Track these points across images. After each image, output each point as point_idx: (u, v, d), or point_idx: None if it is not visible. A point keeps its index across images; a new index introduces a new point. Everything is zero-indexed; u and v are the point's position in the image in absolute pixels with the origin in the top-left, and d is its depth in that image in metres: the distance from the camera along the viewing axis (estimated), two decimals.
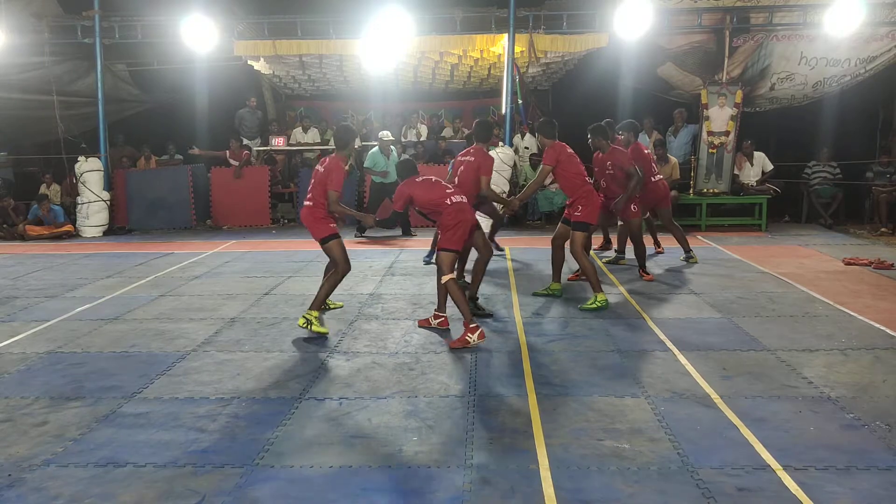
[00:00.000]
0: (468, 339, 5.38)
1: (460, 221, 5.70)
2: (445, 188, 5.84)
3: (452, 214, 5.67)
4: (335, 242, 5.87)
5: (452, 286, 5.55)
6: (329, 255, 5.94)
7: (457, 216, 5.68)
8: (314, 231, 5.89)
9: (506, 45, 11.77)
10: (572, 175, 6.64)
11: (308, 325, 5.73)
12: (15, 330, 6.14)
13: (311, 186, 5.92)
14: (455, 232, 5.67)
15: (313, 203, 5.86)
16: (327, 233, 5.86)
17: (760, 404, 4.26)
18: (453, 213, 5.67)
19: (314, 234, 5.90)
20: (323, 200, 5.81)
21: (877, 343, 5.41)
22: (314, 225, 5.89)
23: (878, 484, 3.31)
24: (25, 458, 3.68)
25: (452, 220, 5.66)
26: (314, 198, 5.86)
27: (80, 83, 13.07)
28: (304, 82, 14.88)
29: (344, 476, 3.46)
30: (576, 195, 6.66)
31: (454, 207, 5.69)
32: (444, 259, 5.66)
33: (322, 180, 5.81)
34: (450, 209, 5.67)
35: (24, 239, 11.69)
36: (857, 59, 11.59)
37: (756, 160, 11.90)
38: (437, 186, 5.85)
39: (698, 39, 11.95)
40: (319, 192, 5.83)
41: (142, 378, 4.85)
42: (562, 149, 6.69)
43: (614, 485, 3.32)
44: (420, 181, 5.90)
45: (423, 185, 5.88)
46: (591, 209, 6.66)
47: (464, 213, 5.74)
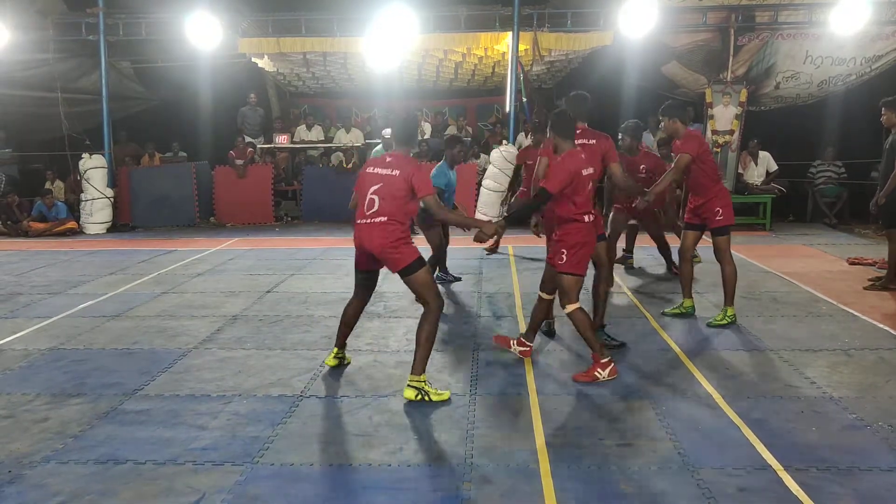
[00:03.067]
0: (597, 374, 4.61)
1: (589, 242, 4.78)
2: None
3: (586, 231, 4.71)
4: (425, 270, 4.40)
5: (581, 316, 4.67)
6: (417, 288, 4.41)
7: (589, 234, 4.75)
8: (397, 258, 4.34)
9: (510, 43, 11.75)
10: (709, 171, 5.89)
11: (423, 396, 4.29)
12: (18, 326, 6.15)
13: (375, 199, 4.34)
14: (585, 251, 4.73)
15: (389, 218, 4.32)
16: (414, 256, 4.36)
17: (762, 404, 4.24)
18: (588, 229, 4.72)
19: (396, 263, 4.36)
20: (404, 216, 4.40)
21: (880, 343, 5.39)
22: (397, 250, 4.34)
23: (881, 485, 3.30)
24: (26, 454, 3.69)
25: (583, 238, 4.70)
26: (391, 212, 4.32)
27: (84, 80, 13.09)
28: (308, 80, 14.87)
29: (344, 474, 3.46)
30: (708, 195, 5.89)
31: (591, 224, 4.75)
32: (572, 285, 4.68)
33: (402, 186, 4.30)
34: (587, 224, 4.71)
35: (27, 235, 11.72)
36: (863, 58, 11.54)
37: (761, 160, 11.85)
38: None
39: (703, 38, 11.92)
40: (399, 205, 4.33)
41: (143, 375, 4.86)
42: (702, 139, 5.98)
43: (615, 485, 3.31)
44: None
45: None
46: (730, 209, 5.93)
47: (594, 232, 4.85)
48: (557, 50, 12.08)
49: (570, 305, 4.67)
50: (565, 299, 4.69)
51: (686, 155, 5.70)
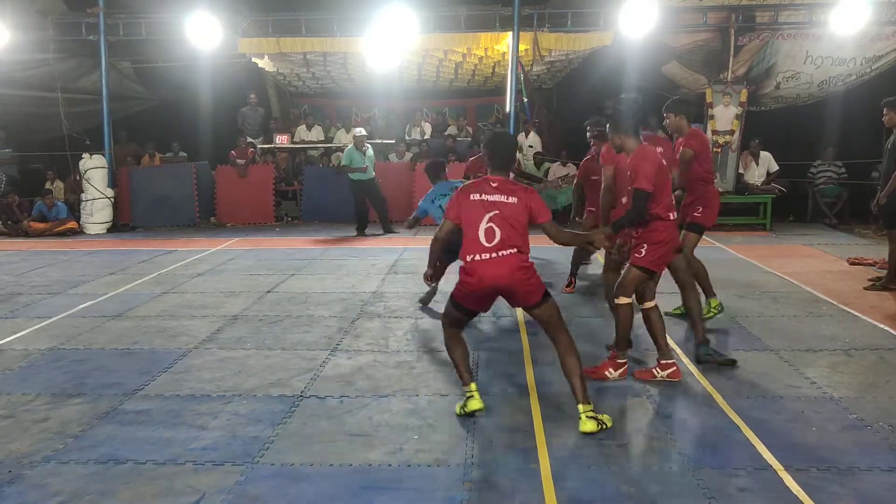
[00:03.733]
0: (608, 373, 4.62)
1: (673, 240, 4.62)
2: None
3: (671, 229, 4.57)
4: (553, 299, 4.02)
5: (627, 313, 4.54)
6: (553, 319, 3.98)
7: (673, 232, 4.61)
8: (533, 291, 3.91)
9: (510, 43, 11.74)
10: (704, 171, 5.77)
11: (602, 426, 3.86)
12: (18, 326, 6.15)
13: (499, 230, 3.83)
14: (666, 250, 4.55)
15: (520, 250, 3.89)
16: (543, 287, 3.99)
17: (762, 404, 4.24)
18: (672, 228, 4.58)
19: (532, 296, 3.92)
20: (527, 244, 3.94)
21: (881, 343, 5.39)
22: (531, 280, 3.91)
23: (881, 485, 3.29)
24: (26, 454, 3.68)
25: (667, 236, 4.53)
26: (520, 243, 3.89)
27: (84, 80, 13.09)
28: (309, 80, 14.87)
29: (344, 474, 3.45)
30: (696, 195, 5.74)
31: (674, 222, 4.62)
32: (636, 279, 4.50)
33: (522, 212, 3.88)
34: (671, 223, 4.56)
35: (28, 235, 11.72)
36: (863, 58, 11.55)
37: (762, 160, 11.85)
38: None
39: (703, 38, 11.92)
40: (522, 234, 3.90)
41: (143, 375, 4.86)
42: (705, 138, 5.81)
43: (615, 484, 3.31)
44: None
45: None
46: (710, 211, 5.77)
47: (677, 231, 4.71)
48: (557, 50, 12.09)
49: (623, 299, 4.50)
50: (621, 290, 4.50)
51: (689, 150, 5.60)
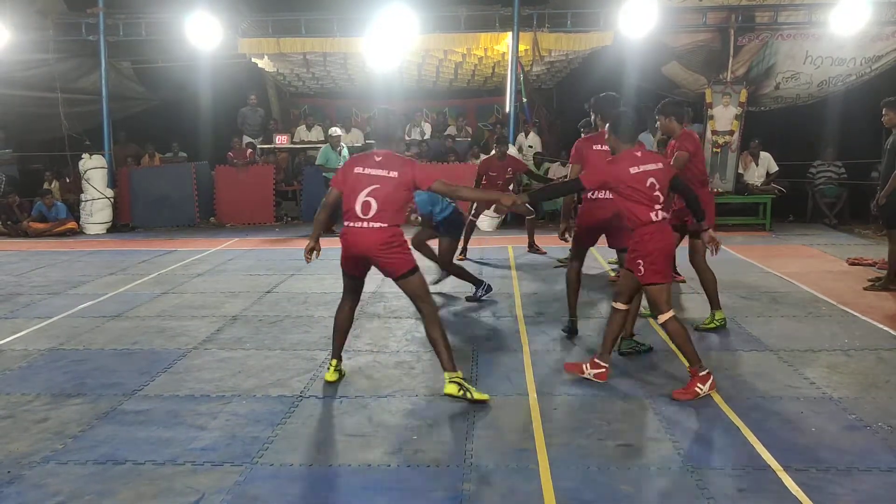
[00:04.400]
0: (698, 389, 4.31)
1: (665, 244, 4.43)
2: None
3: (657, 235, 4.38)
4: (420, 274, 4.45)
5: (675, 326, 4.40)
6: (418, 292, 4.42)
7: (659, 236, 4.39)
8: (398, 265, 4.34)
9: (510, 44, 11.76)
10: (697, 173, 5.72)
11: (465, 392, 4.23)
12: (17, 326, 6.15)
13: (372, 202, 4.26)
14: (662, 255, 4.40)
15: (390, 224, 4.30)
16: (413, 262, 4.42)
17: (762, 405, 4.24)
18: (656, 231, 4.38)
19: (397, 270, 4.34)
20: (400, 219, 4.39)
21: (880, 344, 5.39)
22: (396, 254, 4.34)
23: (880, 485, 3.30)
24: (25, 454, 3.69)
25: (654, 245, 4.35)
26: (390, 218, 4.30)
27: (84, 80, 13.09)
28: (308, 80, 14.88)
29: (344, 475, 3.45)
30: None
31: (658, 226, 4.41)
32: (658, 294, 4.39)
33: (402, 186, 4.32)
34: (655, 227, 4.39)
35: (27, 235, 11.72)
36: (863, 58, 11.55)
37: (762, 161, 11.84)
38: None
39: (703, 38, 11.92)
40: (397, 209, 4.36)
41: (143, 375, 4.86)
42: (698, 139, 5.82)
43: (614, 485, 3.31)
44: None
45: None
46: (709, 214, 5.47)
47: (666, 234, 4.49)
48: (557, 50, 12.10)
49: (662, 317, 4.40)
50: (655, 311, 4.45)
51: (684, 153, 5.60)
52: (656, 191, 4.35)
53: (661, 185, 4.38)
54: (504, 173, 8.71)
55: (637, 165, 4.35)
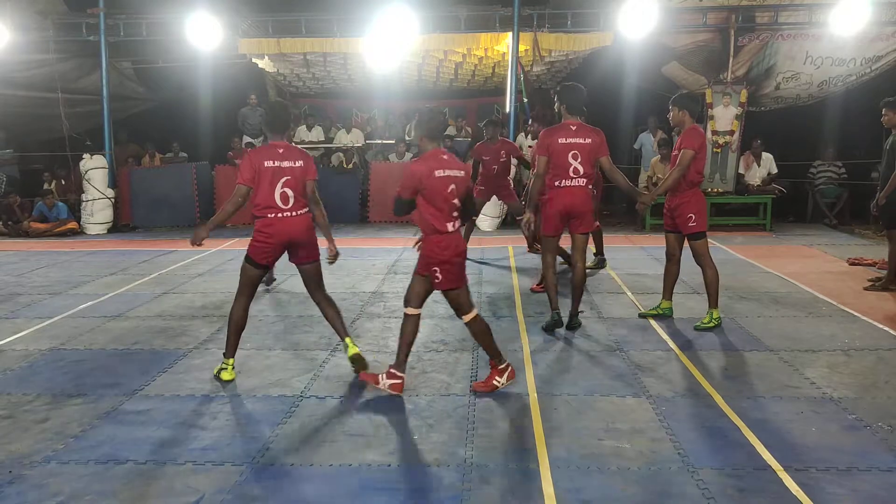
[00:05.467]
0: (496, 382, 4.47)
1: (446, 252, 4.38)
2: None
3: (445, 241, 4.41)
4: None
5: (481, 324, 4.49)
6: (316, 278, 4.99)
7: (438, 247, 4.37)
8: (314, 248, 4.90)
9: (510, 44, 11.75)
10: (694, 172, 5.74)
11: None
12: (18, 326, 6.15)
13: (289, 192, 4.71)
14: (459, 266, 4.45)
15: (309, 209, 4.90)
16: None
17: (762, 405, 4.24)
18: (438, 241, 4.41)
19: (311, 253, 4.88)
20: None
21: (880, 344, 5.39)
22: (313, 239, 4.92)
23: (880, 485, 3.30)
24: (26, 454, 3.69)
25: (444, 254, 4.36)
26: (306, 203, 4.90)
27: (84, 81, 13.09)
28: (309, 80, 14.88)
29: (344, 475, 3.46)
30: (683, 198, 5.76)
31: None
32: (461, 297, 4.47)
33: (308, 173, 4.83)
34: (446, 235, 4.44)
35: (28, 236, 11.72)
36: (863, 58, 11.55)
37: (763, 162, 11.84)
38: None
39: (703, 38, 11.92)
40: (309, 194, 4.92)
41: (143, 375, 4.86)
42: (704, 137, 5.82)
43: (614, 485, 3.32)
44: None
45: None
46: (703, 215, 5.78)
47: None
48: (557, 50, 12.09)
49: (411, 310, 4.54)
50: (460, 312, 4.50)
51: (689, 150, 5.60)
52: (455, 198, 4.29)
53: (460, 193, 4.32)
54: (498, 156, 8.63)
55: (443, 169, 4.25)
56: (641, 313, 6.26)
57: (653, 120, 12.69)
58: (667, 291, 6.16)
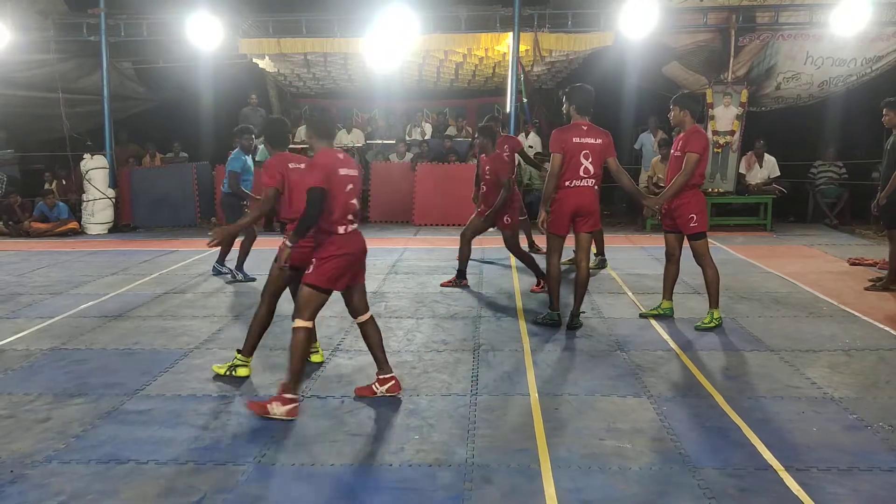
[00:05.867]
0: (272, 407, 4.08)
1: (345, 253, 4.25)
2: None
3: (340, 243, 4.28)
4: None
5: (303, 338, 4.17)
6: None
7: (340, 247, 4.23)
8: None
9: (510, 44, 11.76)
10: (697, 174, 5.76)
11: (231, 372, 4.83)
12: (19, 326, 6.15)
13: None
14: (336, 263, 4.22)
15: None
16: None
17: (763, 405, 4.24)
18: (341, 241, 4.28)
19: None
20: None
21: (881, 344, 5.39)
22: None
23: (881, 485, 3.30)
24: (28, 454, 3.69)
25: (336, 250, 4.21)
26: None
27: (85, 81, 13.10)
28: (309, 80, 14.89)
29: (345, 474, 3.46)
30: (683, 198, 5.76)
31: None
32: (311, 300, 4.23)
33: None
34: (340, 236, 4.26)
35: (29, 236, 11.73)
36: (863, 58, 11.55)
37: (766, 163, 11.83)
38: None
39: (704, 38, 11.93)
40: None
41: (145, 375, 4.86)
42: (707, 139, 5.84)
43: (616, 485, 3.32)
44: None
45: None
46: (704, 215, 5.82)
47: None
48: (558, 50, 12.10)
49: (299, 321, 4.19)
50: (296, 313, 4.22)
51: (694, 154, 5.63)
52: (353, 198, 4.22)
53: (357, 193, 4.25)
54: (501, 151, 8.66)
55: (344, 167, 4.18)
56: (642, 313, 6.26)
57: (653, 120, 12.70)
58: (667, 291, 6.17)
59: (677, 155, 5.77)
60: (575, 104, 5.62)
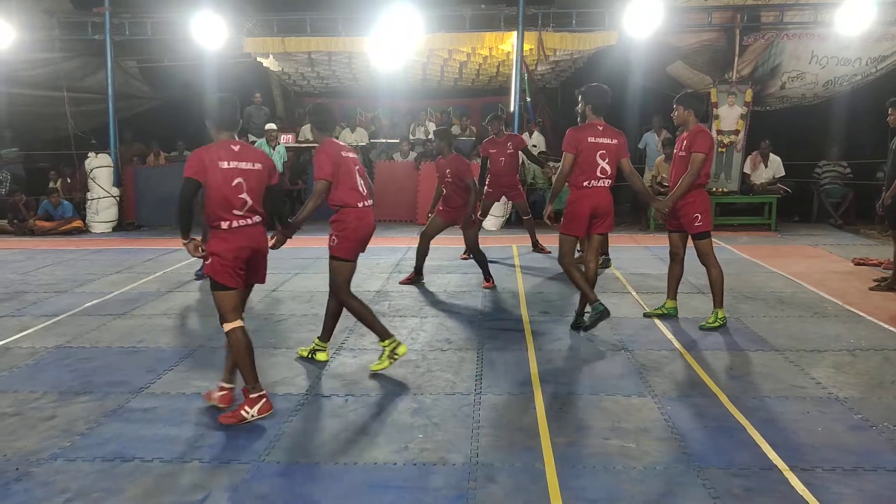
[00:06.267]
0: (244, 412, 4.02)
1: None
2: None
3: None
4: None
5: (240, 338, 4.03)
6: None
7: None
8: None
9: (515, 43, 11.75)
10: (703, 174, 5.74)
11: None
12: (24, 324, 6.17)
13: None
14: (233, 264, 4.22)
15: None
16: None
17: (768, 404, 4.24)
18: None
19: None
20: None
21: (885, 344, 5.38)
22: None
23: (886, 485, 3.29)
24: (33, 451, 3.70)
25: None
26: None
27: (90, 79, 13.13)
28: (313, 79, 14.89)
29: (349, 473, 3.46)
30: (688, 198, 5.71)
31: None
32: (227, 301, 4.07)
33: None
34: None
35: (34, 234, 11.76)
36: (868, 58, 11.52)
37: (771, 163, 11.81)
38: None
39: (708, 38, 11.90)
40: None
41: (149, 373, 4.88)
42: (712, 138, 5.81)
43: (620, 484, 3.32)
44: None
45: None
46: (708, 215, 5.82)
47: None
48: (562, 50, 12.09)
49: (226, 325, 4.07)
50: (221, 319, 4.08)
51: (700, 154, 5.59)
52: (242, 192, 4.17)
53: (252, 186, 4.23)
54: (505, 149, 8.75)
55: (228, 161, 4.24)
56: (646, 313, 6.26)
57: (657, 119, 12.68)
58: (671, 291, 6.16)
59: (681, 155, 5.75)
60: (591, 104, 5.53)
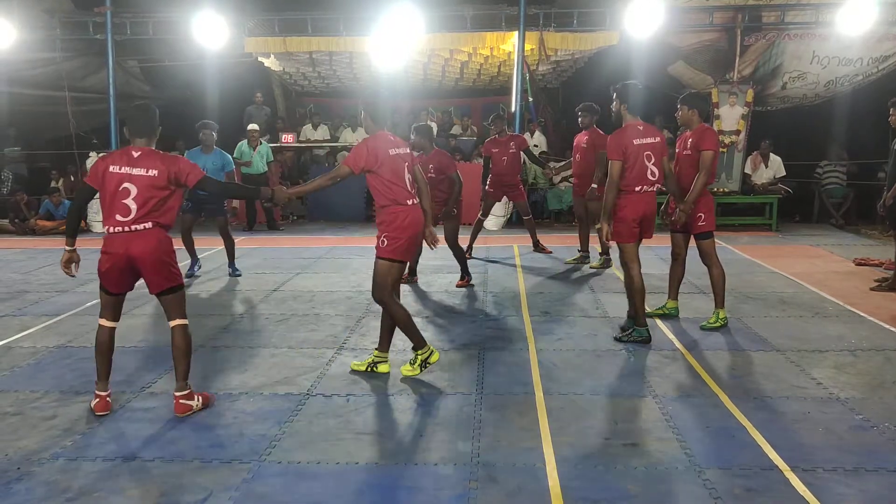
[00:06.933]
0: (194, 404, 4.17)
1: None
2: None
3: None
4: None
5: (183, 337, 4.14)
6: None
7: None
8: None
9: (516, 43, 11.75)
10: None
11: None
12: (25, 324, 6.17)
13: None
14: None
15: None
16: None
17: (769, 405, 4.24)
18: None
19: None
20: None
21: (887, 344, 5.38)
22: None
23: (887, 485, 3.29)
24: (35, 451, 3.70)
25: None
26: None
27: (91, 79, 13.14)
28: (314, 79, 14.90)
29: (350, 473, 3.46)
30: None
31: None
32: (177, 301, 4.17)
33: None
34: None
35: (35, 233, 11.77)
36: (870, 58, 11.51)
37: (771, 163, 11.81)
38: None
39: (710, 38, 11.90)
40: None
41: (150, 373, 4.88)
42: (717, 136, 5.73)
43: (621, 484, 3.32)
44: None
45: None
46: (712, 214, 5.75)
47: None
48: (563, 49, 12.09)
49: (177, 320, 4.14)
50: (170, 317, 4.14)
51: (710, 151, 5.48)
52: (126, 198, 4.02)
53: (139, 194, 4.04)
54: (507, 148, 8.78)
55: (119, 166, 4.09)
56: (647, 313, 6.24)
57: (659, 119, 12.64)
58: (672, 291, 6.16)
59: (686, 153, 5.72)
60: (626, 103, 5.31)
